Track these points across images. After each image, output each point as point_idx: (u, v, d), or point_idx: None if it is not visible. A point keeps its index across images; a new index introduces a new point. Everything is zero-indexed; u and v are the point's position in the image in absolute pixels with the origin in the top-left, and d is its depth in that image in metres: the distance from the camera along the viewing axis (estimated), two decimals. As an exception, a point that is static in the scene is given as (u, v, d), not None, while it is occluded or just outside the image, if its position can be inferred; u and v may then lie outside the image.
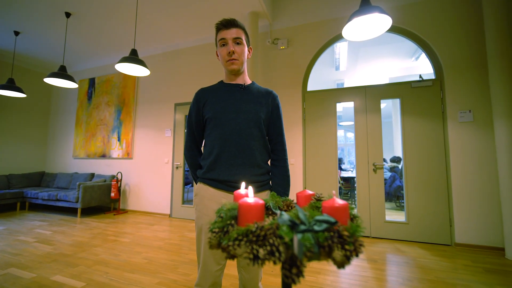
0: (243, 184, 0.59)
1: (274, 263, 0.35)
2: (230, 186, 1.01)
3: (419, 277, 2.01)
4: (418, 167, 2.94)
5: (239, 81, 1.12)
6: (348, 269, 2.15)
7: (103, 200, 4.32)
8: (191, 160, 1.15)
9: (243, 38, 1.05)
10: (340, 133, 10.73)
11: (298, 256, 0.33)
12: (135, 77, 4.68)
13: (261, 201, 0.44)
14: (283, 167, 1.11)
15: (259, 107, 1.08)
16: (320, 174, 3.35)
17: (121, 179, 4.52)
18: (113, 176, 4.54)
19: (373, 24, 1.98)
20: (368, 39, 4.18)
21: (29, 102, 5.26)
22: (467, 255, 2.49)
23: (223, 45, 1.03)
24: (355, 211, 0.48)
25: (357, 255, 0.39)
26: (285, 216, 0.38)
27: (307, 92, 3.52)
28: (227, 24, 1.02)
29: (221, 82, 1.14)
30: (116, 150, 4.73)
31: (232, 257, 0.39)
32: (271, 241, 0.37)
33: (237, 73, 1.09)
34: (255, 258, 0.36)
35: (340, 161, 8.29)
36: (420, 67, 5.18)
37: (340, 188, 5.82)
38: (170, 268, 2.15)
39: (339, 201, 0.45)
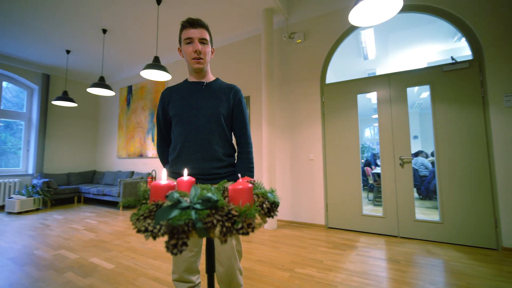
0: (185, 171, 0.64)
1: (155, 237, 0.39)
2: None
3: (447, 282, 1.81)
4: (454, 161, 2.62)
5: (202, 78, 1.16)
6: (364, 267, 2.04)
7: (140, 195, 4.78)
8: (162, 157, 1.24)
9: (208, 38, 1.10)
10: (376, 127, 10.02)
11: (154, 226, 0.37)
12: (164, 82, 5.06)
13: (173, 184, 0.49)
14: (246, 158, 1.14)
15: (219, 103, 1.11)
16: (341, 170, 3.21)
17: (155, 176, 4.95)
18: (148, 174, 4.99)
19: (384, 6, 1.83)
20: (395, 24, 3.84)
21: (81, 110, 6.10)
22: (515, 262, 2.15)
23: (189, 43, 1.08)
24: (271, 195, 0.49)
25: (246, 233, 0.41)
26: (175, 194, 0.42)
27: (326, 85, 3.40)
28: (193, 23, 1.06)
29: (186, 80, 1.20)
30: (151, 150, 5.18)
31: (138, 231, 0.45)
32: (159, 216, 0.41)
33: (201, 71, 1.14)
34: (146, 230, 0.41)
35: (375, 156, 7.75)
36: (464, 48, 4.56)
37: (371, 185, 5.46)
38: (188, 257, 2.31)
39: (245, 185, 0.47)
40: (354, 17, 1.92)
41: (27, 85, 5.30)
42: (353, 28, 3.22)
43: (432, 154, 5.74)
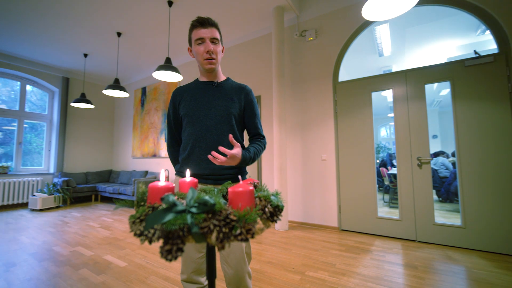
0: (187, 172, 0.62)
1: (150, 241, 0.37)
2: (202, 179, 1.06)
3: (469, 291, 1.70)
4: (478, 161, 2.46)
5: (213, 78, 1.15)
6: (379, 273, 1.96)
7: (154, 194, 4.88)
8: (172, 156, 1.23)
9: (219, 38, 1.08)
10: (392, 126, 9.69)
11: (141, 231, 0.34)
12: (176, 83, 5.14)
13: (171, 185, 0.47)
14: (257, 142, 1.14)
15: (231, 103, 1.09)
16: (355, 170, 3.11)
17: (168, 176, 5.03)
18: (161, 173, 5.09)
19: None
20: (412, 18, 3.68)
21: (98, 112, 6.32)
22: (548, 271, 1.98)
23: (200, 43, 1.06)
24: (275, 199, 0.46)
25: (245, 240, 0.39)
26: (171, 197, 0.40)
27: (338, 83, 3.30)
28: (204, 22, 1.04)
29: (197, 80, 1.18)
30: (164, 150, 5.28)
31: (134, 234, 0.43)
32: (154, 219, 0.39)
33: (213, 71, 1.12)
34: (141, 234, 0.39)
35: (391, 157, 7.49)
36: (488, 41, 4.30)
37: (387, 186, 5.27)
38: (198, 257, 2.32)
39: (245, 187, 0.44)
40: (368, 11, 1.84)
41: (49, 88, 5.56)
42: (367, 24, 3.11)
43: (453, 155, 5.46)
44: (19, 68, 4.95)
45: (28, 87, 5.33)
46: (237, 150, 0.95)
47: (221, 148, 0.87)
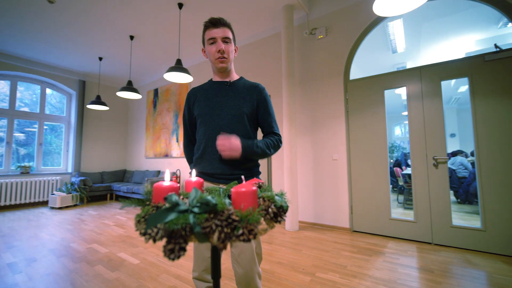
0: (193, 172, 0.62)
1: (154, 240, 0.38)
2: (215, 178, 1.06)
3: (490, 297, 1.62)
4: (499, 161, 2.34)
5: (226, 78, 1.15)
6: (392, 276, 1.90)
7: (166, 193, 4.98)
8: (188, 156, 1.25)
9: (231, 37, 1.09)
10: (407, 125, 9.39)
11: (144, 230, 0.35)
12: (187, 84, 5.22)
13: (176, 185, 0.47)
14: (271, 138, 1.14)
15: (243, 102, 1.09)
16: (368, 170, 3.04)
17: (179, 176, 5.11)
18: (173, 173, 5.17)
19: (412, -7, 1.68)
20: (427, 12, 3.55)
21: (112, 113, 6.52)
22: None
23: (212, 43, 1.07)
24: (279, 199, 0.45)
25: (247, 240, 0.38)
26: (174, 197, 0.40)
27: (350, 81, 3.24)
28: (216, 22, 1.05)
29: (211, 80, 1.19)
30: (176, 150, 5.37)
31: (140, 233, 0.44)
32: (157, 219, 0.39)
33: (225, 70, 1.13)
34: (145, 233, 0.39)
35: (406, 156, 7.28)
36: (511, 35, 4.07)
37: (402, 186, 5.11)
38: (208, 256, 2.34)
39: (248, 187, 0.44)
40: (380, 7, 1.79)
41: (66, 91, 5.79)
42: (379, 20, 3.03)
43: (472, 154, 5.22)
44: (40, 72, 5.20)
45: (48, 91, 5.58)
46: (233, 137, 0.99)
47: (218, 138, 0.93)
